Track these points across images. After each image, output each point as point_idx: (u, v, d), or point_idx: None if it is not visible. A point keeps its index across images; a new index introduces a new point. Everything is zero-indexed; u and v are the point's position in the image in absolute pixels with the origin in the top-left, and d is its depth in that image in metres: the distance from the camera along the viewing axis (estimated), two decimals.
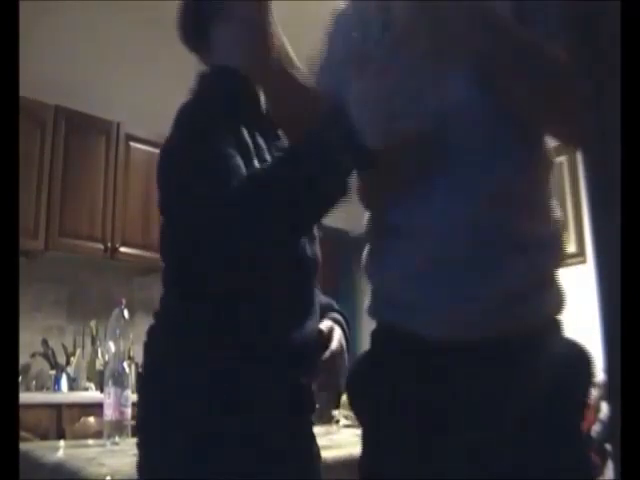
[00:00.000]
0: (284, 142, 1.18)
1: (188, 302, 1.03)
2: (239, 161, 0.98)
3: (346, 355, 1.16)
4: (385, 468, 0.93)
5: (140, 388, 1.10)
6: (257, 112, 1.16)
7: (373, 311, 0.99)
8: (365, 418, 1.01)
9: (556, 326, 0.90)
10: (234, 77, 1.13)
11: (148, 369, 1.07)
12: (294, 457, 1.05)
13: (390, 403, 0.93)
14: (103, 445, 1.65)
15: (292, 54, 1.15)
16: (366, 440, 0.98)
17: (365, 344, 1.07)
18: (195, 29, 1.19)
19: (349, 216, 1.16)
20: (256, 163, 1.03)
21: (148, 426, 1.04)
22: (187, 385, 0.99)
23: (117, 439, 1.64)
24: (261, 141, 1.09)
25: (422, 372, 0.90)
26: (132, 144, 3.85)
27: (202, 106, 1.08)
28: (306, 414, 1.11)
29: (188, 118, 1.07)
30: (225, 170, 0.96)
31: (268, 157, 1.08)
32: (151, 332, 1.08)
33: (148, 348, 1.08)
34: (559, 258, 0.91)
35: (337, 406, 2.52)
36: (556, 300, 0.90)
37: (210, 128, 1.01)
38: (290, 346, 1.04)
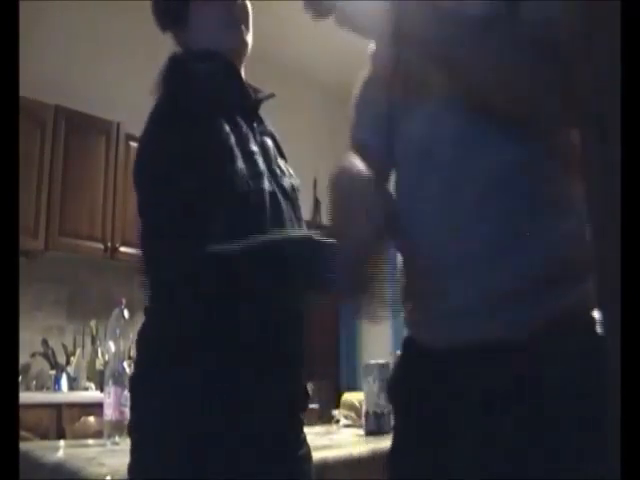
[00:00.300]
0: (266, 126, 1.17)
1: (179, 302, 1.02)
2: (225, 162, 0.99)
3: None
4: (396, 466, 0.96)
5: (133, 388, 1.08)
6: (241, 98, 1.13)
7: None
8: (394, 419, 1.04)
9: (571, 325, 0.84)
10: (216, 61, 1.09)
11: (141, 369, 1.06)
12: (284, 457, 1.05)
13: (401, 405, 0.99)
14: (103, 445, 1.65)
15: None
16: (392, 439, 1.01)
17: (366, 346, 1.09)
18: (172, 4, 1.13)
19: None
20: (238, 154, 1.03)
21: (144, 427, 1.03)
22: (180, 385, 0.98)
23: (117, 439, 1.64)
24: (245, 129, 1.08)
25: (420, 376, 0.93)
26: (132, 144, 3.84)
27: (184, 97, 1.05)
28: (297, 413, 1.11)
29: (169, 110, 1.04)
30: (212, 168, 0.97)
31: (253, 147, 1.07)
32: (142, 332, 1.07)
33: (140, 348, 1.07)
34: (571, 258, 0.86)
35: (337, 406, 2.52)
36: (569, 299, 0.85)
37: (196, 122, 1.00)
38: (281, 345, 1.05)
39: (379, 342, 4.83)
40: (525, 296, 0.84)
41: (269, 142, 1.16)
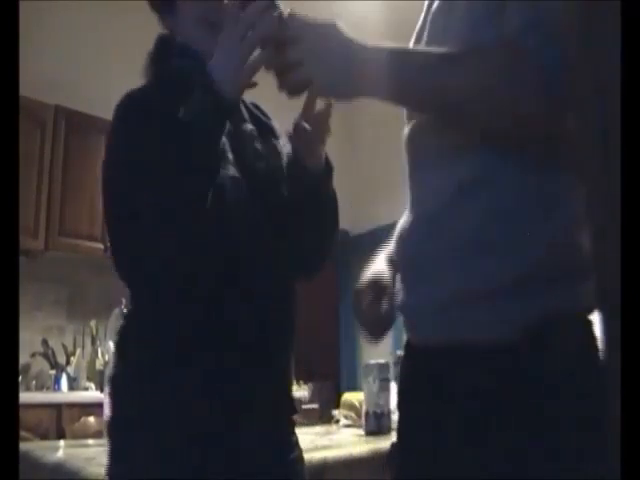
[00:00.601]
0: (244, 113, 1.15)
1: (161, 301, 1.01)
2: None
3: None
4: (392, 465, 1.01)
5: (118, 388, 1.05)
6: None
7: None
8: None
9: (558, 326, 0.82)
10: (195, 59, 1.06)
11: (127, 368, 1.04)
12: (273, 460, 1.04)
13: (398, 405, 1.00)
14: (103, 445, 1.65)
15: None
16: None
17: (366, 346, 1.10)
18: None
19: (349, 216, 1.17)
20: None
21: (131, 426, 1.01)
22: (176, 385, 0.98)
23: None
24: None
25: (408, 376, 0.97)
26: None
27: (156, 91, 1.06)
28: (284, 415, 1.10)
29: (139, 102, 1.04)
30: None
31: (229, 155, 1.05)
32: (123, 332, 1.06)
33: (123, 349, 1.05)
34: (561, 259, 0.83)
35: (337, 406, 2.52)
36: (556, 301, 0.83)
37: (160, 119, 0.97)
38: (267, 345, 1.04)
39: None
40: (508, 296, 0.82)
41: (246, 127, 1.13)
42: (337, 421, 2.37)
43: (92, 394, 3.32)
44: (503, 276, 0.82)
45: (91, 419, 2.20)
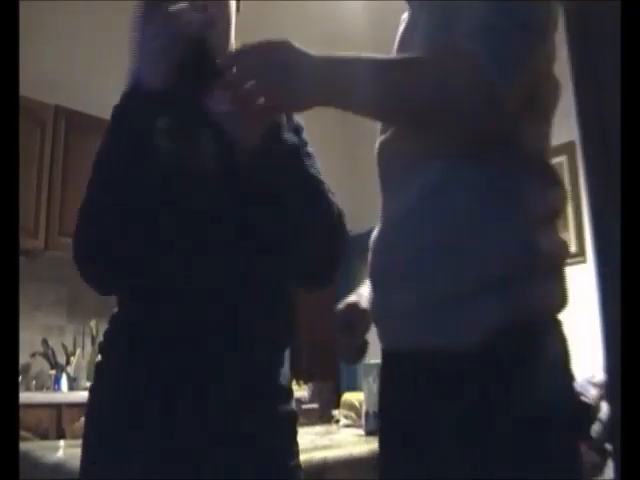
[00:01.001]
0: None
1: (148, 302, 1.03)
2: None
3: None
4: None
5: (104, 389, 1.04)
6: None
7: None
8: None
9: (515, 337, 0.80)
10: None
11: (112, 358, 1.05)
12: (271, 467, 1.03)
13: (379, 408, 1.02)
14: None
15: None
16: None
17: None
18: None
19: (349, 216, 1.16)
20: (176, 136, 1.04)
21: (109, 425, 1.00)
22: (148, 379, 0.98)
23: None
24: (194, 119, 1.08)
25: (383, 379, 0.99)
26: None
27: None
28: (285, 424, 1.08)
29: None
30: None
31: (202, 129, 1.06)
32: (105, 335, 1.08)
33: (107, 350, 1.06)
34: (523, 260, 0.82)
35: (337, 406, 2.52)
36: (516, 302, 0.81)
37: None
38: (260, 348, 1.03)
39: (379, 342, 4.83)
40: (475, 298, 0.82)
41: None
42: (337, 421, 2.37)
43: None
44: (469, 278, 0.82)
45: None
